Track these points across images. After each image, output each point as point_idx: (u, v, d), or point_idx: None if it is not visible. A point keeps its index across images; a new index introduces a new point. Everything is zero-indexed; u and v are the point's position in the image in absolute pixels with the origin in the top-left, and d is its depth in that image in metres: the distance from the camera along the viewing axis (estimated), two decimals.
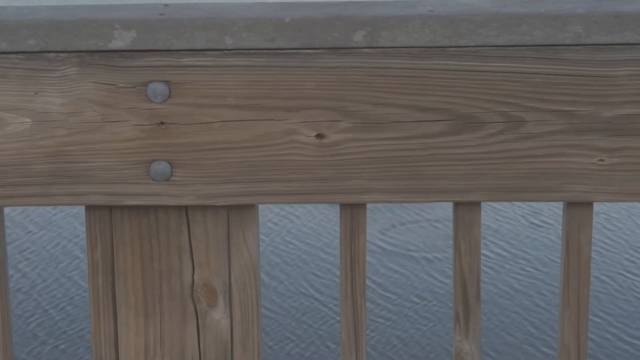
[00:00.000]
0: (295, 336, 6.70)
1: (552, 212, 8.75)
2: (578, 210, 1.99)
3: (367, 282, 7.37)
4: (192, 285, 1.90)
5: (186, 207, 1.88)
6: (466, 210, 2.01)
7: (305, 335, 6.70)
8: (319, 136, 1.87)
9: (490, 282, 7.35)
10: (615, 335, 6.63)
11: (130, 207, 1.84)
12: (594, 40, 1.89)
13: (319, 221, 8.65)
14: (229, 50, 1.84)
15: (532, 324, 6.80)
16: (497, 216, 8.71)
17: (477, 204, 2.01)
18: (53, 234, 8.45)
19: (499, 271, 7.53)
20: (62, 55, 1.81)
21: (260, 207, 5.05)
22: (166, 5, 1.99)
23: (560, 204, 1.87)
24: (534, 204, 8.88)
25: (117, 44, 1.79)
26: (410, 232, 8.58)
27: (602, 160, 1.91)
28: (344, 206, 2.01)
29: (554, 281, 7.35)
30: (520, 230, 8.42)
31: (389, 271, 7.77)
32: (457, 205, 2.01)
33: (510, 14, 1.93)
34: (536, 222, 8.53)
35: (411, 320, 6.95)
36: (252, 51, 1.92)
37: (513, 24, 1.92)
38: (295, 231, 8.48)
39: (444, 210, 8.90)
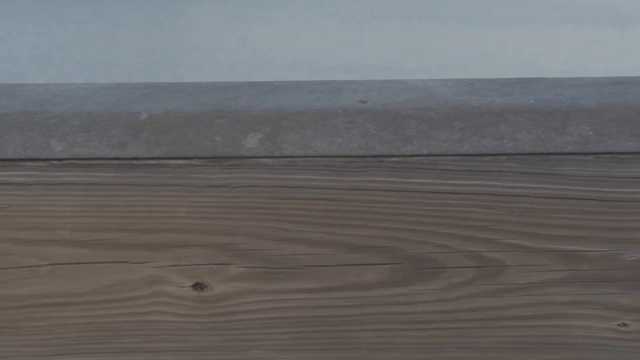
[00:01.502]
0: None
1: None
2: None
3: None
4: None
5: None
6: None
7: None
8: (198, 287, 1.34)
9: None
10: None
11: None
12: (610, 147, 1.28)
13: None
14: (59, 160, 1.32)
15: None
16: None
17: None
18: None
19: None
20: None
21: None
22: None
23: None
24: None
25: None
26: None
27: (624, 324, 1.32)
28: None
29: None
30: None
31: None
32: None
33: (482, 108, 1.31)
34: None
35: None
36: (93, 162, 1.31)
37: (487, 122, 1.31)
38: None
39: None
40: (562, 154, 1.30)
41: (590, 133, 1.28)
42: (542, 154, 1.30)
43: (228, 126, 1.31)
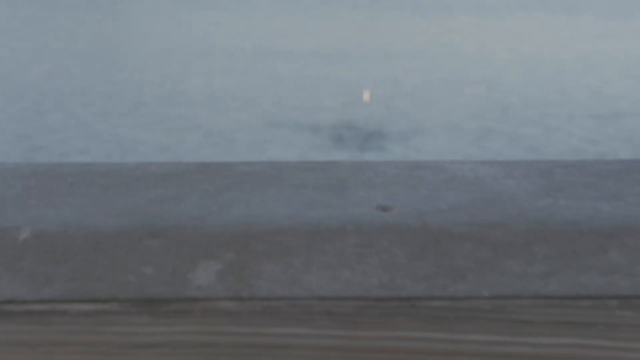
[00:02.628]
0: None
1: None
2: None
3: None
4: None
5: None
6: None
7: None
8: None
9: None
10: None
11: None
12: None
13: None
14: None
15: None
16: None
17: None
18: None
19: None
20: None
21: None
22: None
23: None
24: None
25: None
26: None
27: None
28: None
29: None
30: None
31: None
32: None
33: (581, 223, 0.84)
34: None
35: None
36: None
37: (589, 246, 0.83)
38: None
39: None
40: None
41: None
42: None
43: (166, 250, 0.80)
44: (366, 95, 10.22)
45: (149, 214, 0.81)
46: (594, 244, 0.79)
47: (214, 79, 13.68)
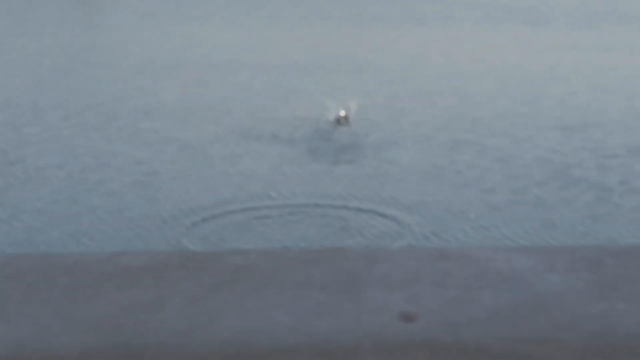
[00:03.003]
0: None
1: None
2: None
3: None
4: None
5: None
6: None
7: None
8: None
9: None
10: None
11: None
12: None
13: None
14: None
15: None
16: None
17: None
18: None
19: None
20: None
21: None
22: None
23: None
24: None
25: None
26: None
27: None
28: None
29: None
30: None
31: None
32: None
33: None
34: None
35: None
36: None
37: None
38: None
39: None
40: None
41: None
42: None
43: None
44: (342, 114, 10.37)
45: (122, 329, 0.64)
46: None
47: (189, 92, 13.80)
